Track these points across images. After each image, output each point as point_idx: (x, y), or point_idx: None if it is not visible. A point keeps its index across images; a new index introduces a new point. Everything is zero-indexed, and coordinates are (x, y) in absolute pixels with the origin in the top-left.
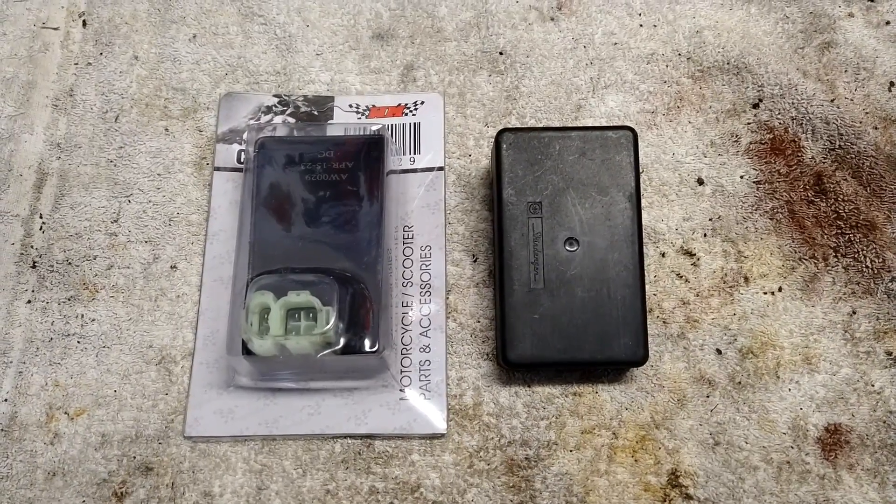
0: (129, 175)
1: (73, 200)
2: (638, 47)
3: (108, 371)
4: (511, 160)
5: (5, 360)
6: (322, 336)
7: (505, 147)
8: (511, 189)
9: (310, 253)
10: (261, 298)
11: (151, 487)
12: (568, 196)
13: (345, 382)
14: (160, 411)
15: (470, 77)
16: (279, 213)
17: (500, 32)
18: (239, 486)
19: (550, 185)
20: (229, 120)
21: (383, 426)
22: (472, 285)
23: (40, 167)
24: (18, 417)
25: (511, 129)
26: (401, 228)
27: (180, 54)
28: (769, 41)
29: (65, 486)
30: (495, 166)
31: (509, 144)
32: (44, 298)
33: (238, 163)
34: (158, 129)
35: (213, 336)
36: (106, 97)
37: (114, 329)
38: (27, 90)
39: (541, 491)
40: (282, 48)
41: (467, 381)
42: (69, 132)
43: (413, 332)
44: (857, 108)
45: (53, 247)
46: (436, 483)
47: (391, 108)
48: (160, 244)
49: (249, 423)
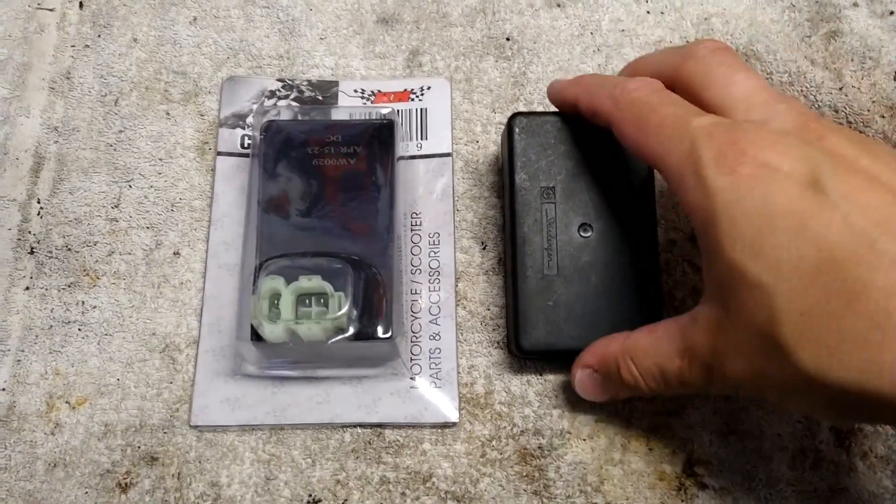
0: (129, 159)
1: (71, 185)
2: (645, 34)
3: (110, 359)
4: (524, 145)
5: (3, 349)
6: (334, 322)
7: (517, 131)
8: (524, 174)
9: (318, 239)
10: (272, 283)
11: (157, 478)
12: (582, 181)
13: (354, 371)
14: (165, 400)
15: (476, 63)
16: (287, 199)
17: (507, 18)
18: (247, 475)
19: (564, 170)
20: (232, 104)
21: (394, 415)
22: (482, 273)
23: (37, 151)
24: (17, 407)
25: (523, 112)
26: (409, 215)
27: (180, 37)
28: (777, 29)
29: (66, 478)
30: (507, 151)
31: (522, 129)
32: (42, 285)
33: (242, 147)
34: (159, 112)
35: (217, 323)
36: (105, 80)
37: (116, 316)
38: (22, 72)
39: (555, 480)
40: (285, 32)
41: (478, 369)
42: (66, 115)
43: (423, 320)
44: (865, 97)
45: (52, 232)
46: (448, 472)
47: (397, 94)
48: (162, 230)
49: (257, 412)
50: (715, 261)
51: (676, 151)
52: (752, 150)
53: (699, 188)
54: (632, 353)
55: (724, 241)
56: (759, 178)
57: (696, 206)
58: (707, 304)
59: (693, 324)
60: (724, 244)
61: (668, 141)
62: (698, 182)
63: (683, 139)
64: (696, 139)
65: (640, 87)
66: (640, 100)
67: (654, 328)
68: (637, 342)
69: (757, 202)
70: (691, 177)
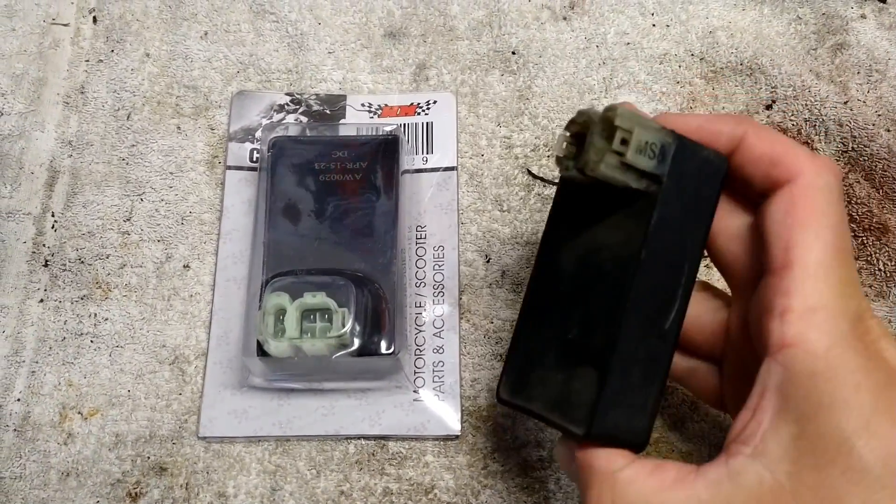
0: (141, 173)
1: (85, 199)
2: (651, 47)
3: (121, 371)
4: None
5: (18, 360)
6: (337, 338)
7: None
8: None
9: (324, 253)
10: (277, 300)
11: (166, 488)
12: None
13: (359, 383)
14: (174, 411)
15: (482, 76)
16: (293, 213)
17: (513, 32)
18: (253, 486)
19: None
20: (241, 118)
21: (397, 427)
22: (485, 286)
23: (52, 165)
24: (31, 417)
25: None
26: (414, 228)
27: (192, 52)
28: (782, 42)
29: (79, 487)
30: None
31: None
32: (56, 297)
33: (251, 161)
34: (170, 127)
35: (226, 336)
36: (118, 95)
37: (127, 328)
38: (37, 87)
39: (555, 492)
40: (294, 46)
41: (481, 382)
42: (81, 130)
43: (426, 333)
44: (870, 111)
45: (66, 245)
46: (450, 484)
47: (403, 108)
48: (173, 243)
49: (263, 424)
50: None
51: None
52: None
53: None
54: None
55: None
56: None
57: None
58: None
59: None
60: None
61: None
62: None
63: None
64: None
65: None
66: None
67: (661, 471)
68: (630, 487)
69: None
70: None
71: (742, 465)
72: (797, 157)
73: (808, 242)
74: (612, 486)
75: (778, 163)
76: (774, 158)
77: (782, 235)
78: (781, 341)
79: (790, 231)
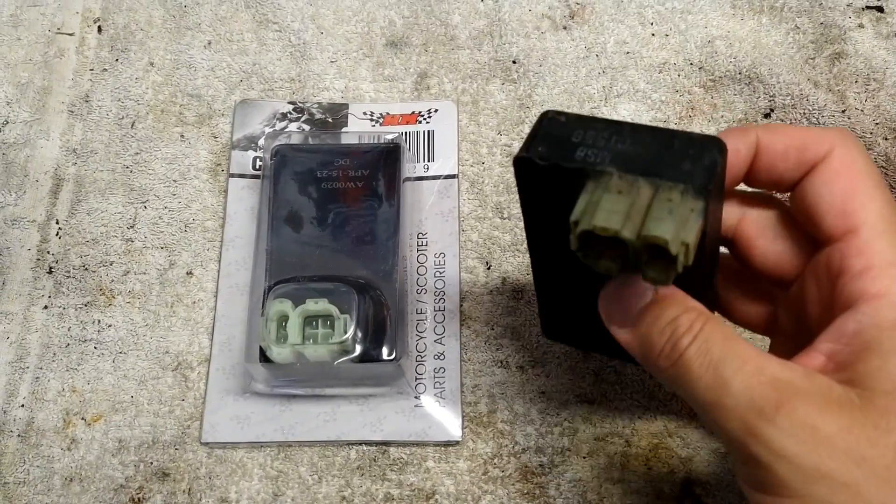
0: (145, 181)
1: (89, 206)
2: (650, 56)
3: (124, 377)
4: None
5: (22, 366)
6: (339, 344)
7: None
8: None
9: (326, 260)
10: (279, 306)
11: (168, 493)
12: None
13: (360, 389)
14: (177, 417)
15: (483, 85)
16: (296, 220)
17: (513, 41)
18: (255, 492)
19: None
20: (244, 127)
21: (398, 433)
22: (486, 292)
23: (56, 173)
24: (35, 423)
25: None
26: (415, 235)
27: (195, 61)
28: (780, 51)
29: (82, 492)
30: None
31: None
32: (60, 304)
33: (254, 169)
34: (174, 135)
35: (228, 342)
36: (122, 103)
37: (130, 335)
38: (43, 95)
39: (555, 498)
40: (296, 55)
41: (482, 388)
42: (85, 138)
43: (427, 340)
44: (868, 119)
45: (70, 252)
46: (450, 490)
47: (405, 116)
48: (176, 250)
49: (265, 430)
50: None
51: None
52: None
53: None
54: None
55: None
56: None
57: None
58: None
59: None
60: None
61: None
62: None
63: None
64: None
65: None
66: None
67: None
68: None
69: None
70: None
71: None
72: (821, 136)
73: (865, 205)
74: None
75: (806, 147)
76: (801, 145)
77: (835, 204)
78: (865, 296)
79: (843, 199)
